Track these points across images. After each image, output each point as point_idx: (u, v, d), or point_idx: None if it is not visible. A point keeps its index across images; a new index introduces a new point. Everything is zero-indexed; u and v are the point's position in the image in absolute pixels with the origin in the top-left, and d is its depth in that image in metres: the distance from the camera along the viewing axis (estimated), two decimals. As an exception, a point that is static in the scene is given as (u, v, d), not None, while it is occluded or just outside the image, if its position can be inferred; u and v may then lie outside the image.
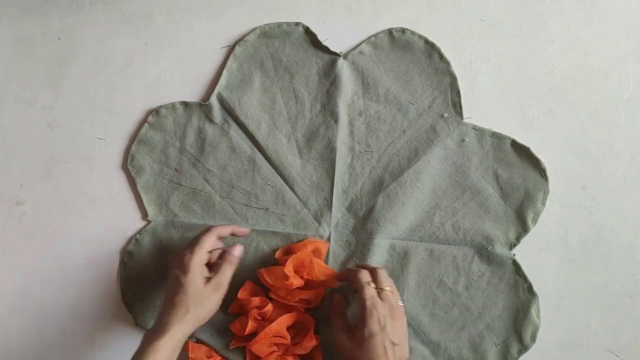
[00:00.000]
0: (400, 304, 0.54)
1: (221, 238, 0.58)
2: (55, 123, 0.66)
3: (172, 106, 0.65)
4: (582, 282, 0.62)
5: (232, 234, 0.59)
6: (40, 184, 0.65)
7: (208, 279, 0.53)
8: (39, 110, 0.66)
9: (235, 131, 0.64)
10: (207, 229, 0.56)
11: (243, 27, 0.68)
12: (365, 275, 0.54)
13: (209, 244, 0.55)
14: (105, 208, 0.64)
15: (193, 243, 0.55)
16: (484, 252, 0.61)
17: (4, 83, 0.67)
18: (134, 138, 0.65)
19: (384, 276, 0.54)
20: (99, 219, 0.64)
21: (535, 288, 0.61)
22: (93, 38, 0.68)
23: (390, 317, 0.51)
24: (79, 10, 0.69)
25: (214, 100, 0.65)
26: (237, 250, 0.56)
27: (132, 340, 0.61)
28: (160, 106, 0.65)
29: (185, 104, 0.65)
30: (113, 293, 0.62)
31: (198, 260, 0.53)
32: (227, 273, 0.54)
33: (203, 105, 0.65)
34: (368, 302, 0.51)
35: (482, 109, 0.65)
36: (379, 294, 0.52)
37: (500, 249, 0.61)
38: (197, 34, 0.68)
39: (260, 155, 0.64)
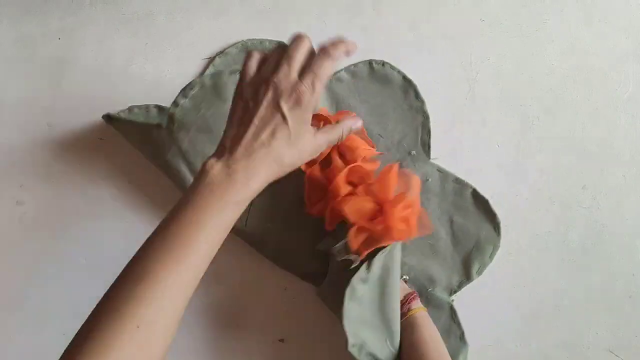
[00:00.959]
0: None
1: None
2: (55, 123, 0.66)
3: (146, 107, 0.63)
4: (582, 282, 0.62)
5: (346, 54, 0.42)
6: (40, 184, 0.65)
7: (312, 130, 0.41)
8: (38, 110, 0.66)
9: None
10: (328, 55, 0.40)
11: (243, 28, 0.68)
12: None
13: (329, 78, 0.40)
14: (105, 208, 0.64)
15: (309, 72, 0.39)
16: (425, 293, 0.61)
17: (4, 83, 0.67)
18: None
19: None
20: (99, 219, 0.64)
21: (536, 288, 0.61)
22: (93, 38, 0.68)
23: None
24: (79, 10, 0.69)
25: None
26: (357, 124, 0.46)
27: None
28: (133, 105, 0.62)
29: (160, 108, 0.63)
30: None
31: (316, 104, 0.39)
32: (332, 139, 0.43)
33: None
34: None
35: (482, 109, 0.65)
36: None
37: (440, 292, 0.61)
38: (197, 34, 0.68)
39: None
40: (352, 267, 0.52)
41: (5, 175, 0.65)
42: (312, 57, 0.41)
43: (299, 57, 0.40)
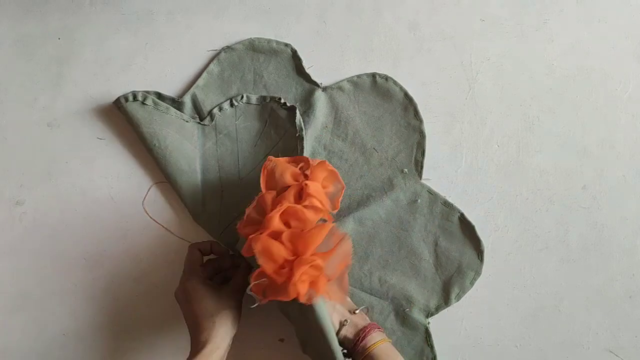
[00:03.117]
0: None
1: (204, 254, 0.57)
2: (55, 123, 0.66)
3: (147, 93, 0.64)
4: (582, 282, 0.62)
5: (211, 252, 0.58)
6: (40, 184, 0.65)
7: (217, 287, 0.53)
8: (39, 110, 0.66)
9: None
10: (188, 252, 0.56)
11: (242, 27, 0.68)
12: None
13: (194, 257, 0.54)
14: (105, 208, 0.64)
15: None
16: (401, 312, 0.60)
17: (4, 83, 0.67)
18: (133, 137, 0.65)
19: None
20: (99, 219, 0.64)
21: (536, 288, 0.61)
22: (93, 38, 0.68)
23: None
24: (79, 10, 0.69)
25: (187, 98, 0.65)
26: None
27: (131, 341, 0.61)
28: (135, 91, 0.64)
29: (159, 95, 0.65)
30: (113, 293, 0.62)
31: (194, 269, 0.53)
32: (240, 278, 0.55)
33: (176, 101, 0.65)
34: None
35: (482, 109, 0.65)
36: None
37: (417, 313, 0.60)
38: (197, 34, 0.68)
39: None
40: (253, 306, 0.49)
41: (5, 175, 0.65)
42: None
43: (193, 258, 0.55)
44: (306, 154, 0.63)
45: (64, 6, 0.69)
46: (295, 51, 0.66)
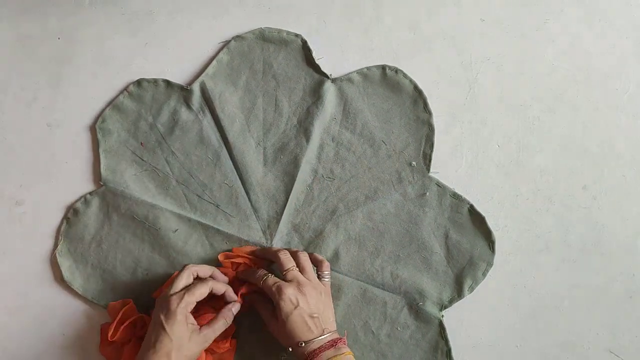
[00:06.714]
0: (326, 279, 0.58)
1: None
2: (55, 123, 0.66)
3: (155, 81, 0.65)
4: (582, 282, 0.62)
5: (223, 293, 0.56)
6: (40, 184, 0.65)
7: (194, 329, 0.52)
8: (38, 110, 0.66)
9: (208, 122, 0.64)
10: (203, 280, 0.54)
11: (243, 27, 0.68)
12: (260, 273, 0.56)
13: (201, 295, 0.53)
14: (105, 208, 0.64)
15: (185, 289, 0.53)
16: (414, 306, 0.60)
17: (4, 83, 0.67)
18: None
19: (286, 258, 0.57)
20: (98, 219, 0.64)
21: (536, 288, 0.61)
22: (93, 38, 0.68)
23: (300, 294, 0.54)
24: (79, 10, 0.69)
25: (196, 86, 0.65)
26: (235, 308, 0.56)
27: (132, 340, 0.61)
28: (143, 78, 0.65)
29: (168, 83, 0.65)
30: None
31: (185, 308, 0.51)
32: (218, 329, 0.54)
33: (184, 89, 0.65)
34: (273, 289, 0.54)
35: (482, 109, 0.65)
36: (284, 275, 0.55)
37: (430, 307, 0.60)
38: (197, 34, 0.68)
39: (226, 152, 0.64)
40: None
41: (5, 175, 0.65)
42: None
43: (179, 282, 0.54)
44: (313, 143, 0.63)
45: (63, 6, 0.69)
46: (306, 42, 0.66)
